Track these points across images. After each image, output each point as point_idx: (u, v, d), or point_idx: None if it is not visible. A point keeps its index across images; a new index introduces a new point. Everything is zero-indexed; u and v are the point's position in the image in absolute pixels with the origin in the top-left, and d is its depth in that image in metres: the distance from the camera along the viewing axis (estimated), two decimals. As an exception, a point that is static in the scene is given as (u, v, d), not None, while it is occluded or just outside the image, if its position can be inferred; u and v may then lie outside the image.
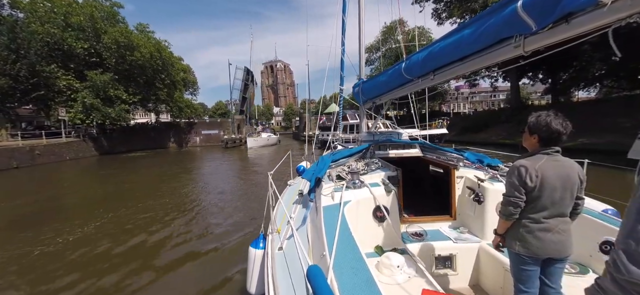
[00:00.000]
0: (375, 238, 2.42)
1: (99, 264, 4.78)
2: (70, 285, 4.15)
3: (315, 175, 2.71)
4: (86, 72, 24.87)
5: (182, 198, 9.44)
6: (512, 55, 1.83)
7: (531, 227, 1.62)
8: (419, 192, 3.73)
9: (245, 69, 44.03)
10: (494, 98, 63.70)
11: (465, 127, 28.68)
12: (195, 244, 5.53)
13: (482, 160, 3.29)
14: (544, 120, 1.63)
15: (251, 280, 2.79)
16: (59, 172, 17.45)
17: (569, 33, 1.58)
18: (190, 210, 7.90)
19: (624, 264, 0.81)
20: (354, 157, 3.70)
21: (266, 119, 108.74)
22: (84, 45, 24.72)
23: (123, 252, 5.27)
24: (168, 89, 32.94)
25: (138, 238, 5.89)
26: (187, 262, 4.79)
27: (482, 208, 2.63)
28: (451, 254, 2.49)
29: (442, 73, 2.42)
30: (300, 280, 1.73)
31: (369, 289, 1.42)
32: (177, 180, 12.86)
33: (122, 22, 28.84)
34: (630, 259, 0.80)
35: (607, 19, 1.44)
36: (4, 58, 20.46)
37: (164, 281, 4.23)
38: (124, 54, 26.07)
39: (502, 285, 2.24)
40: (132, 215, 7.45)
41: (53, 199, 10.28)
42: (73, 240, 5.83)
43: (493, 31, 1.83)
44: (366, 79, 4.76)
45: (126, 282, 4.18)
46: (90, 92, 24.68)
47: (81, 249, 5.37)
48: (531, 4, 1.63)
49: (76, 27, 24.13)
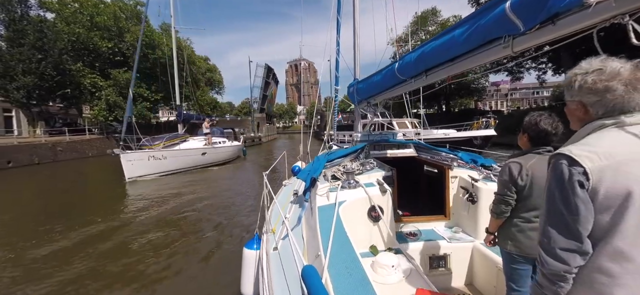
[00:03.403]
0: (370, 238, 2.53)
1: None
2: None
3: (310, 175, 2.84)
4: (110, 71, 26.75)
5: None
6: (501, 55, 1.93)
7: (522, 226, 1.71)
8: (414, 192, 3.88)
9: (266, 66, 44.89)
10: (536, 95, 60.15)
11: (508, 127, 27.21)
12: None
13: (476, 160, 3.40)
14: (534, 119, 1.74)
15: (245, 281, 2.94)
16: (75, 168, 18.50)
17: (556, 34, 1.66)
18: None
19: (544, 258, 0.98)
20: (349, 157, 3.83)
21: (289, 117, 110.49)
22: (108, 44, 26.63)
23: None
24: (190, 86, 34.72)
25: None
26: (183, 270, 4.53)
27: (475, 208, 2.74)
28: (445, 253, 2.60)
29: (434, 73, 2.54)
30: (295, 281, 1.81)
31: (363, 288, 1.51)
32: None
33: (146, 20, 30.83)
34: (548, 253, 0.97)
35: (592, 20, 1.51)
36: (30, 57, 21.95)
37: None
38: (146, 52, 27.62)
39: (495, 284, 2.33)
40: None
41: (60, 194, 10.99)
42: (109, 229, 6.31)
43: (483, 32, 1.93)
44: (361, 79, 4.87)
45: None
46: (114, 90, 26.52)
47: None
48: (519, 5, 1.71)
49: (101, 26, 26.07)
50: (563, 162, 0.94)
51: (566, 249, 0.92)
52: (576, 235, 0.91)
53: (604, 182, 0.88)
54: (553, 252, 0.95)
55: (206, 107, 38.99)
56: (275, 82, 50.03)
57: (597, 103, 1.00)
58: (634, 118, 0.95)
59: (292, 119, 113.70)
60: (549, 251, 0.96)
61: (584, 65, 1.03)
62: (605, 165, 0.89)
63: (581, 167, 0.90)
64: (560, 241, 0.94)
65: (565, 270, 0.93)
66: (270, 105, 50.41)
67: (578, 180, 0.90)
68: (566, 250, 0.92)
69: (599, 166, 0.89)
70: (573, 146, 0.96)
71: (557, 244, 0.94)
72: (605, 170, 0.88)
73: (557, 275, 0.95)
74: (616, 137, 0.94)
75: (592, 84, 0.99)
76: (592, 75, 0.99)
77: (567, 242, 0.92)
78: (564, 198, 0.93)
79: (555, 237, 0.95)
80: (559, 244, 0.94)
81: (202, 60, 39.73)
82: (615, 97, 0.96)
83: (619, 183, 0.87)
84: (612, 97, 0.96)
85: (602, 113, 1.00)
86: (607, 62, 0.99)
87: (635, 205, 0.86)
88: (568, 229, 0.92)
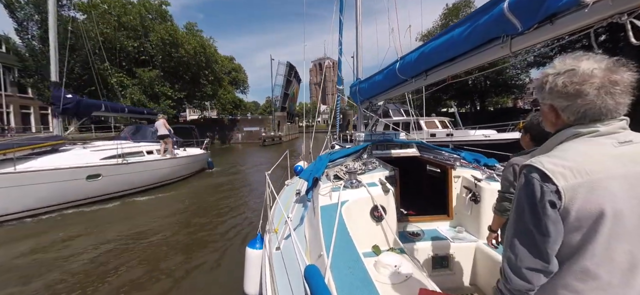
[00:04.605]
0: (372, 238, 2.58)
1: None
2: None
3: (312, 175, 2.94)
4: (135, 69, 28.27)
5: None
6: (500, 55, 1.98)
7: None
8: (417, 191, 3.94)
9: (288, 64, 45.35)
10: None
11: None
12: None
13: (479, 160, 3.43)
14: (536, 119, 1.81)
15: (248, 280, 3.05)
16: None
17: (554, 33, 1.70)
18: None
19: (508, 274, 0.98)
20: (352, 157, 3.90)
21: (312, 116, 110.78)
22: (134, 43, 28.19)
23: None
24: (212, 85, 35.98)
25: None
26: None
27: (478, 207, 2.78)
28: (448, 253, 2.65)
29: (434, 73, 2.62)
30: (297, 280, 1.86)
31: (366, 288, 1.55)
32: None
33: (170, 19, 32.18)
34: (513, 270, 0.97)
35: (590, 20, 1.54)
36: (60, 56, 24.11)
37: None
38: (170, 51, 28.96)
39: None
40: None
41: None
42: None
43: (481, 31, 1.98)
44: (363, 79, 4.94)
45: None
46: (139, 88, 27.95)
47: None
48: (517, 5, 1.76)
49: (128, 26, 27.66)
50: (535, 176, 0.91)
51: (532, 269, 0.92)
52: (544, 256, 0.90)
53: (576, 202, 0.86)
54: (518, 271, 0.94)
55: (228, 105, 40.25)
56: (298, 81, 50.44)
57: (567, 108, 0.97)
58: (609, 127, 0.92)
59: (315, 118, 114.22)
60: (515, 269, 0.96)
61: (557, 65, 0.99)
62: (579, 183, 0.86)
63: (554, 185, 0.87)
64: (527, 260, 0.93)
65: (528, 289, 0.94)
66: (292, 104, 50.88)
67: (549, 199, 0.88)
68: (532, 270, 0.92)
69: (572, 184, 0.86)
70: (545, 158, 0.93)
71: (524, 263, 0.93)
72: (578, 189, 0.86)
73: (519, 292, 0.96)
74: (590, 149, 0.91)
75: (562, 87, 0.95)
76: (563, 77, 0.95)
77: (534, 262, 0.92)
78: (534, 217, 0.91)
79: (522, 255, 0.94)
80: (525, 264, 0.93)
81: (227, 60, 41.56)
82: (586, 102, 0.92)
83: (592, 202, 0.85)
84: (583, 102, 0.92)
85: (573, 119, 0.97)
86: (580, 62, 0.93)
87: (606, 225, 0.85)
88: (537, 249, 0.91)
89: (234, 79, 41.86)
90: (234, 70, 42.82)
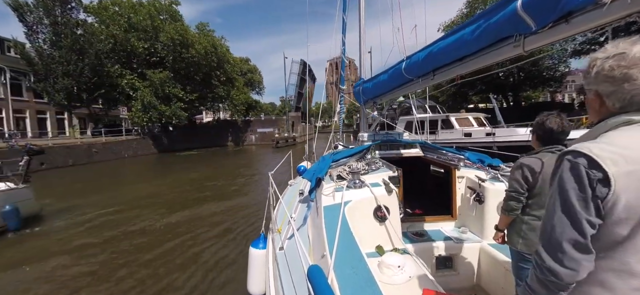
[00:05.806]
0: (376, 238, 2.63)
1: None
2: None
3: (315, 175, 2.96)
4: (146, 71, 28.96)
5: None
6: (512, 54, 1.99)
7: (533, 224, 1.81)
8: (420, 192, 4.02)
9: (302, 62, 45.39)
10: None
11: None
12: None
13: (483, 160, 3.48)
14: (541, 119, 1.87)
15: (252, 280, 3.17)
16: (108, 169, 19.64)
17: (569, 32, 1.70)
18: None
19: (550, 266, 0.92)
20: (355, 157, 3.95)
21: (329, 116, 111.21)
22: (144, 44, 28.89)
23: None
24: (224, 86, 36.55)
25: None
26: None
27: (482, 208, 2.83)
28: (452, 254, 2.72)
29: (442, 72, 2.65)
30: (301, 280, 1.91)
31: (369, 288, 1.61)
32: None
33: (180, 19, 32.77)
34: (555, 260, 0.91)
35: (607, 18, 1.53)
36: (68, 59, 23.97)
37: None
38: (180, 51, 29.54)
39: (503, 285, 2.40)
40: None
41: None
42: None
43: (493, 31, 1.98)
44: (367, 79, 4.97)
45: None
46: (150, 90, 28.62)
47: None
48: (531, 4, 1.76)
49: (138, 27, 28.38)
50: (581, 161, 0.85)
51: (576, 259, 0.87)
52: (587, 248, 0.86)
53: (628, 191, 0.80)
54: (560, 259, 0.89)
55: (240, 106, 40.81)
56: (312, 80, 50.57)
57: (612, 94, 0.91)
58: None
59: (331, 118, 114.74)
60: (557, 259, 0.90)
61: (609, 48, 0.92)
62: (632, 170, 0.80)
63: (601, 172, 0.81)
64: (569, 250, 0.87)
65: (572, 277, 0.88)
66: (306, 103, 51.07)
67: (595, 187, 0.83)
68: (575, 260, 0.87)
69: (624, 171, 0.80)
70: (592, 144, 0.87)
71: (567, 253, 0.88)
72: (632, 176, 0.80)
73: (558, 285, 0.91)
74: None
75: (609, 71, 0.90)
76: (612, 60, 0.89)
77: (578, 254, 0.87)
78: (578, 204, 0.85)
79: (566, 246, 0.88)
80: (569, 253, 0.87)
81: (242, 61, 42.57)
82: (634, 88, 0.86)
83: None
84: (631, 88, 0.87)
85: (619, 107, 0.91)
86: (634, 46, 0.87)
87: None
88: (577, 242, 0.87)
89: (250, 80, 42.91)
90: (250, 72, 44.19)
